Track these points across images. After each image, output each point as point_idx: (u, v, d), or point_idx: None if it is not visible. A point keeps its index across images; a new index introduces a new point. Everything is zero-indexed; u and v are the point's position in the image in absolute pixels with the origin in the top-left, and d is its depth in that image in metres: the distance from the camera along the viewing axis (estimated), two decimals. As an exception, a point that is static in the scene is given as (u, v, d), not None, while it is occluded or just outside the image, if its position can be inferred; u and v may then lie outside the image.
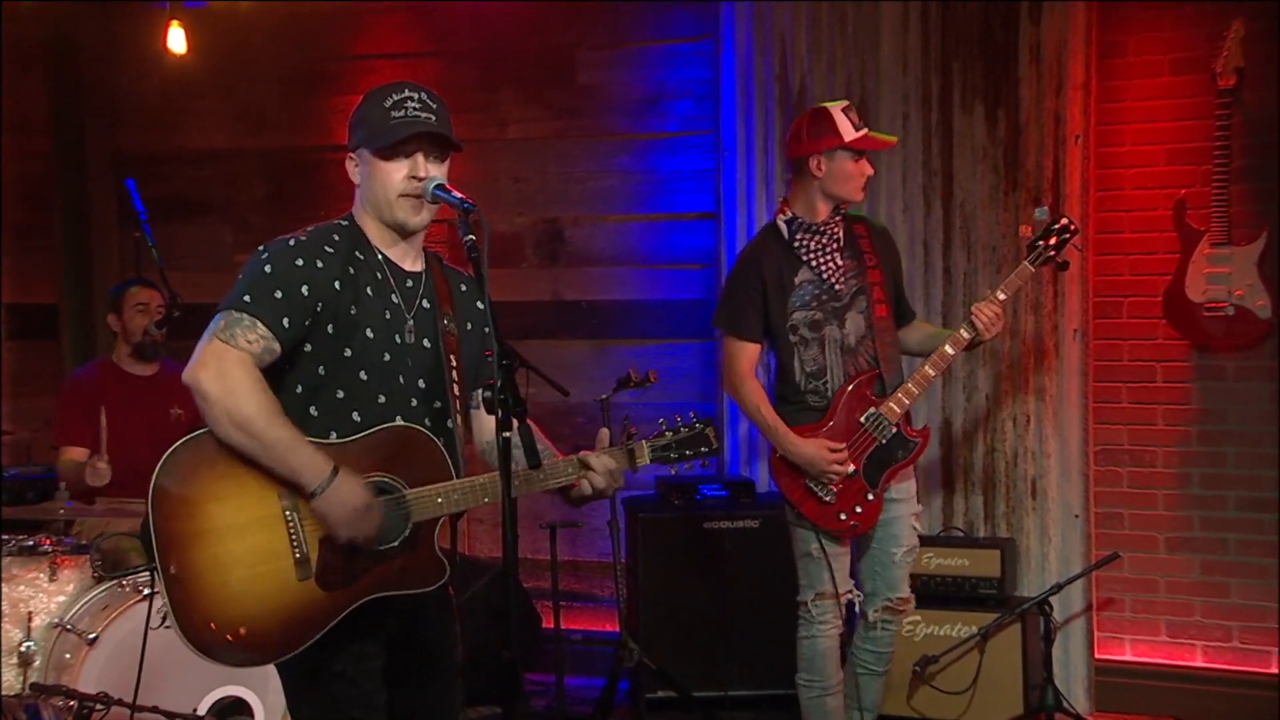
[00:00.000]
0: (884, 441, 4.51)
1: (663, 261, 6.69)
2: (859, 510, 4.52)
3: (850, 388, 4.54)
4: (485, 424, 3.34)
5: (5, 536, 4.71)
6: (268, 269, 3.05)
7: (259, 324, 2.99)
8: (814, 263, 4.55)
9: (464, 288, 3.34)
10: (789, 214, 4.61)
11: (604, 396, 5.21)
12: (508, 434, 2.85)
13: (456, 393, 3.18)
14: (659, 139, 6.67)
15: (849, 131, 4.47)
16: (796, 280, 4.56)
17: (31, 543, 4.72)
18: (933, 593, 5.51)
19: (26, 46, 7.17)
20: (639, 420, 3.42)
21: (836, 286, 4.54)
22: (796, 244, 4.56)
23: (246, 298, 3.01)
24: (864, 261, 4.60)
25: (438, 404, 3.19)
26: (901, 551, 4.65)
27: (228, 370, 2.94)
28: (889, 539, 4.63)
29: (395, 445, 3.08)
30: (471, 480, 3.09)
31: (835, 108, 4.53)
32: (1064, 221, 4.65)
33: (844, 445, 4.48)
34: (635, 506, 5.86)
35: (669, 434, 3.36)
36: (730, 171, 6.32)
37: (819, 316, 4.55)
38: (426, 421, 3.16)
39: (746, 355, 4.62)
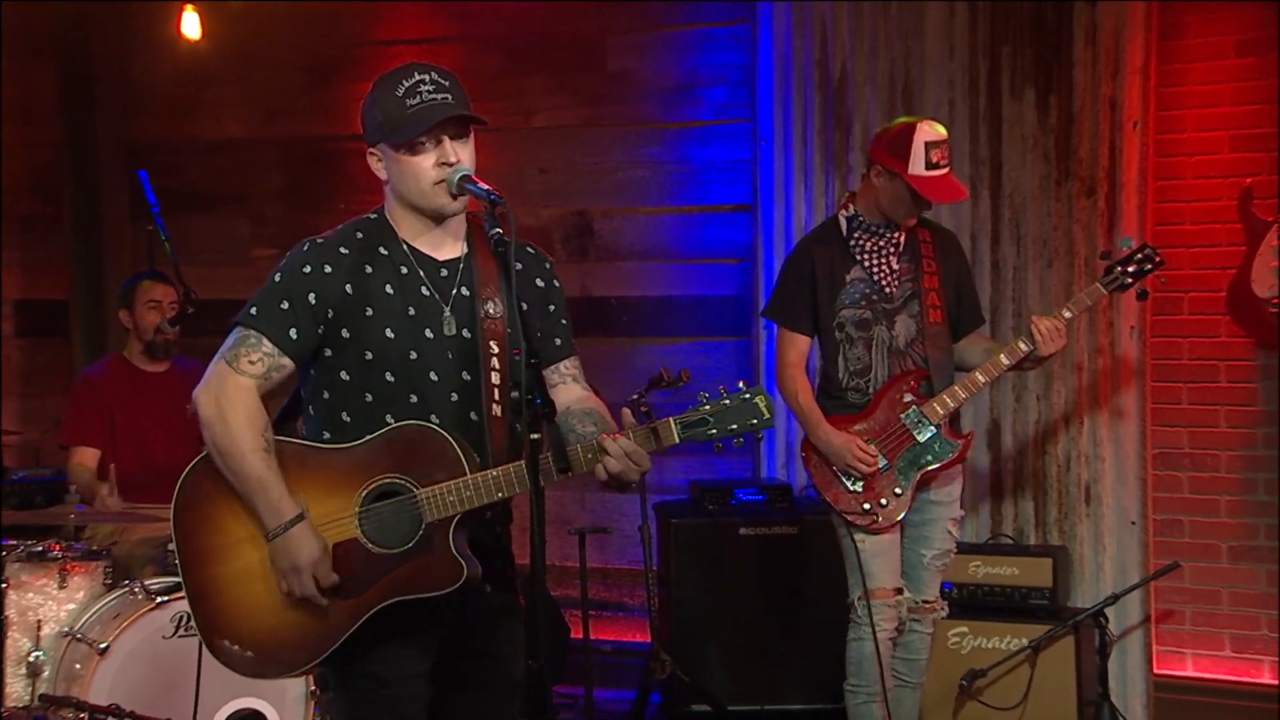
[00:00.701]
0: (921, 440, 4.60)
1: (696, 256, 6.67)
2: (884, 504, 4.61)
3: (895, 384, 4.65)
4: (562, 397, 3.26)
5: (13, 542, 4.73)
6: (277, 278, 3.10)
7: (264, 340, 3.05)
8: (867, 263, 4.68)
9: (520, 265, 3.24)
10: (852, 210, 4.72)
11: (635, 396, 5.20)
12: (536, 435, 2.84)
13: (495, 381, 3.15)
14: (692, 128, 6.65)
15: (918, 167, 4.50)
16: (848, 278, 4.69)
17: (40, 548, 4.73)
18: (981, 603, 5.46)
19: (35, 31, 7.19)
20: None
21: (887, 289, 4.67)
22: (853, 242, 4.69)
23: (254, 310, 3.08)
24: (922, 267, 4.70)
25: (483, 395, 3.17)
26: (931, 555, 4.73)
27: (222, 396, 3.03)
28: (920, 540, 4.73)
29: (409, 445, 3.08)
30: (485, 475, 3.07)
31: (925, 133, 4.52)
32: (1148, 251, 4.68)
33: (876, 441, 4.60)
34: (667, 511, 5.85)
35: (707, 406, 3.10)
36: (767, 161, 6.30)
37: (868, 316, 4.67)
38: (472, 415, 3.14)
39: (795, 347, 4.76)
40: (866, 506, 4.60)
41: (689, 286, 6.68)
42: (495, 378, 3.16)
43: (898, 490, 4.60)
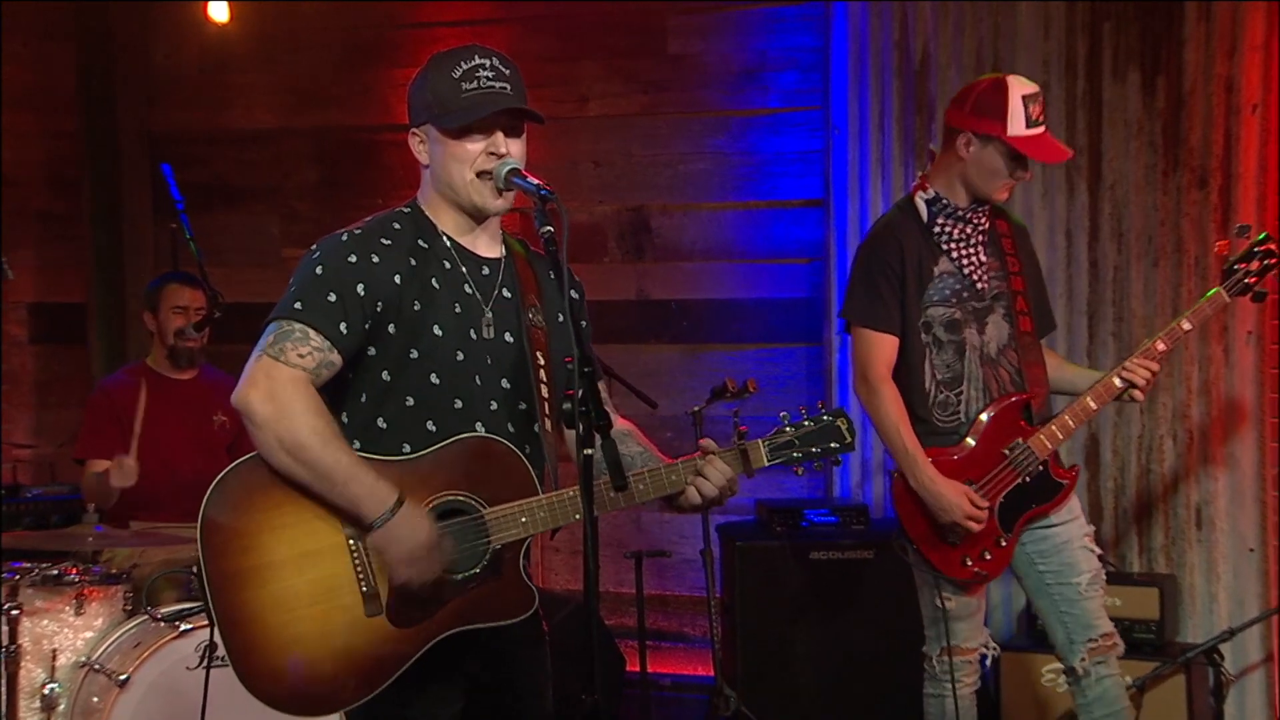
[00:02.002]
0: (1027, 480, 4.33)
1: (763, 255, 6.65)
2: (988, 557, 4.34)
3: (997, 410, 4.35)
4: None
5: (27, 565, 4.76)
6: (319, 269, 3.05)
7: (311, 333, 2.99)
8: (955, 253, 4.39)
9: (553, 275, 3.25)
10: (930, 191, 4.42)
11: (696, 408, 5.18)
12: (589, 451, 2.81)
13: (545, 394, 3.16)
14: (759, 116, 6.63)
15: (1018, 125, 4.24)
16: (936, 270, 4.39)
17: (56, 572, 4.75)
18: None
19: (52, 14, 7.27)
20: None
21: (978, 284, 4.39)
22: (937, 229, 4.40)
23: (297, 304, 3.02)
24: (1007, 264, 4.45)
25: (523, 406, 3.16)
26: (1085, 580, 4.38)
27: (278, 390, 2.95)
28: (1065, 569, 4.40)
29: (473, 458, 3.06)
30: (559, 495, 3.06)
31: (1019, 86, 4.27)
32: (1269, 244, 4.39)
33: (978, 485, 4.29)
34: (732, 533, 5.81)
35: (790, 429, 3.23)
36: (841, 152, 6.26)
37: (958, 316, 4.38)
38: (510, 427, 3.13)
39: (883, 352, 4.38)
40: (967, 562, 4.32)
41: (755, 289, 6.66)
42: (544, 390, 3.16)
43: (1002, 542, 4.33)
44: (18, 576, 4.66)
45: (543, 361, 3.18)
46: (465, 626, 3.03)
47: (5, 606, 4.55)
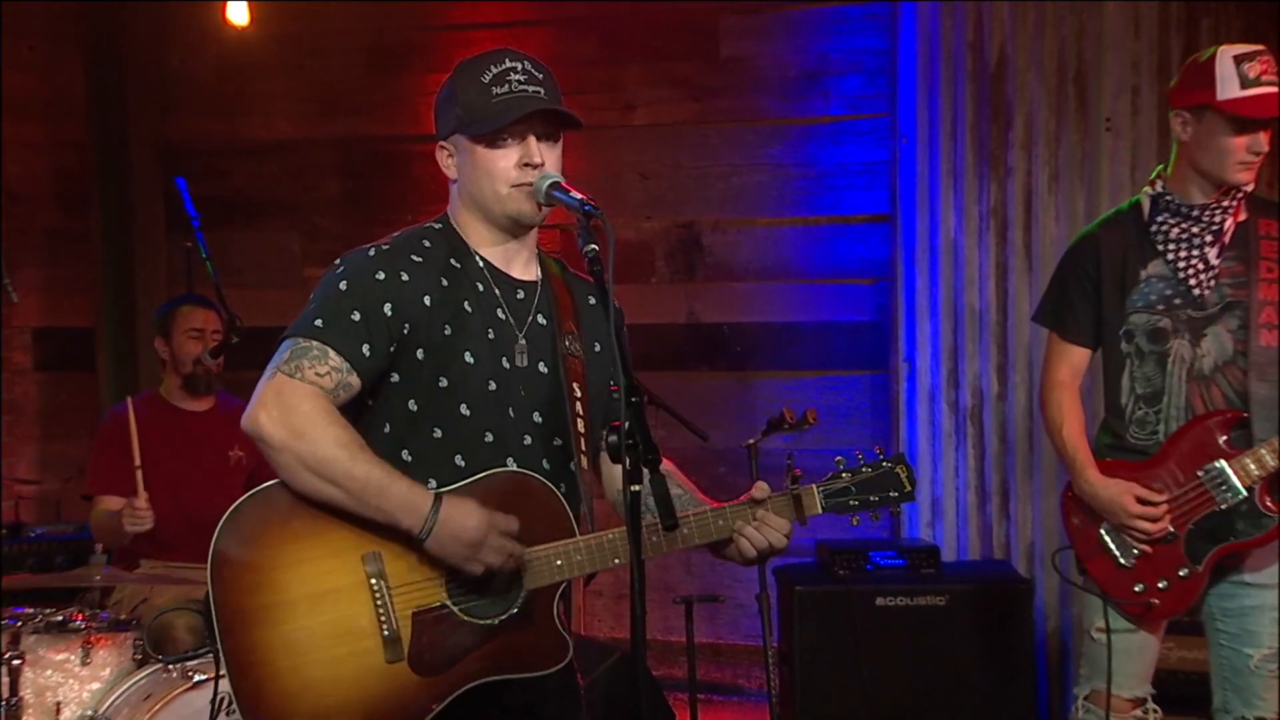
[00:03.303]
0: (1223, 507, 4.13)
1: (824, 275, 6.64)
2: (1164, 586, 4.17)
3: (1200, 425, 4.18)
4: (617, 469, 3.20)
5: (30, 610, 4.77)
6: (343, 285, 3.05)
7: (331, 352, 2.99)
8: (1172, 254, 4.22)
9: (592, 300, 3.31)
10: (1158, 187, 4.27)
11: (751, 441, 5.16)
12: (637, 487, 2.79)
13: (581, 429, 3.16)
14: (820, 124, 6.64)
15: (1230, 87, 4.06)
16: (1144, 273, 4.26)
17: (61, 618, 4.76)
18: (1172, 693, 5.24)
19: (59, 16, 7.34)
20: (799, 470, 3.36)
21: (1197, 290, 4.19)
22: (1155, 227, 4.25)
23: (318, 321, 3.02)
24: (1257, 269, 4.20)
25: (557, 441, 3.17)
26: (1260, 655, 4.18)
27: (293, 406, 2.94)
28: (1244, 636, 4.22)
29: (506, 494, 3.05)
30: (599, 537, 3.06)
31: (1230, 50, 4.09)
32: None
33: (1164, 499, 4.15)
34: (790, 577, 5.80)
35: (846, 475, 3.25)
36: (909, 163, 6.27)
37: (1165, 325, 4.23)
38: (545, 463, 3.14)
39: (1068, 361, 4.36)
40: (1139, 588, 4.17)
41: (815, 311, 6.65)
42: (580, 425, 3.16)
43: (1182, 571, 4.14)
44: (20, 623, 4.66)
45: (579, 393, 3.18)
46: (493, 677, 3.03)
47: (6, 656, 4.56)
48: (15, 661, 4.58)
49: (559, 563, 3.04)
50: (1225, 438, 4.14)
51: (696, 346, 6.74)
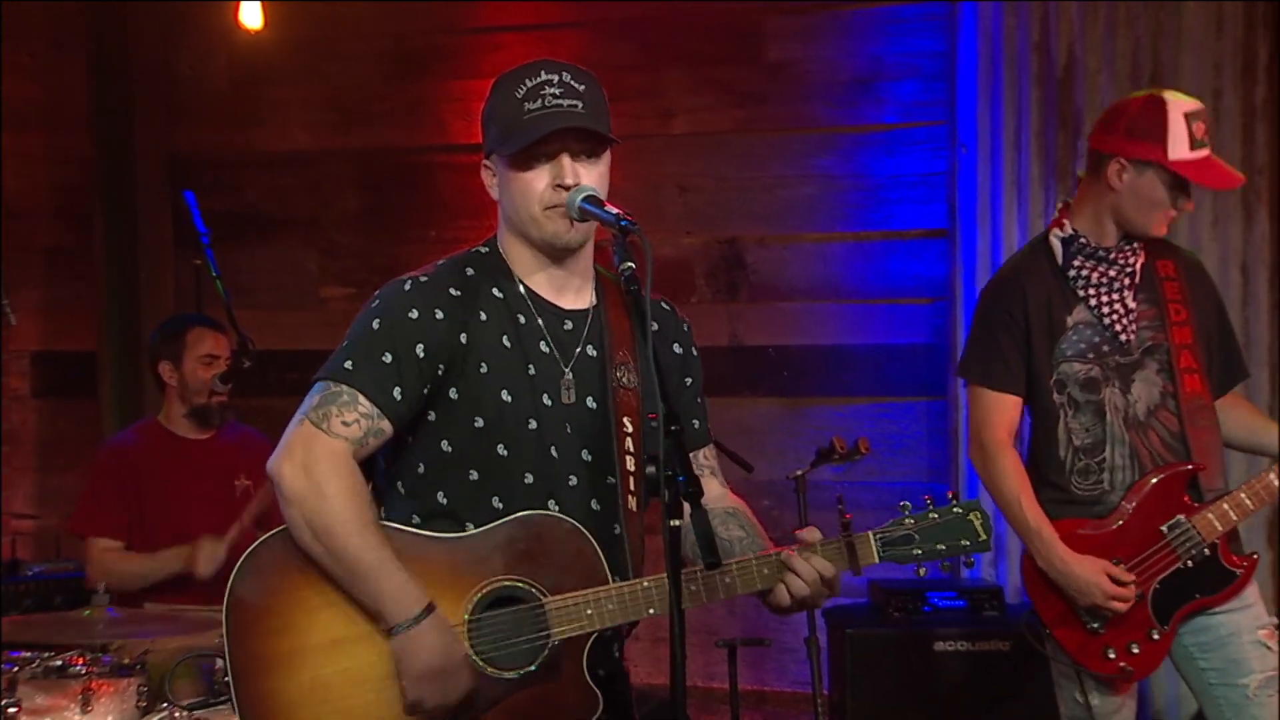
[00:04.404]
0: (1188, 565, 4.28)
1: (877, 294, 6.64)
2: (1135, 651, 4.29)
3: (1155, 481, 4.30)
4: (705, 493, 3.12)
5: (27, 654, 4.78)
6: (376, 324, 3.09)
7: (361, 398, 3.04)
8: (1094, 300, 4.38)
9: (656, 326, 3.26)
10: (1067, 229, 4.42)
11: (799, 473, 5.17)
12: (676, 522, 2.78)
13: (631, 466, 3.17)
14: (873, 132, 6.64)
15: (1180, 148, 4.22)
16: (1070, 320, 4.40)
17: (60, 663, 4.76)
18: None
19: (64, 22, 7.39)
20: (850, 504, 3.34)
21: (1123, 336, 4.36)
22: (1073, 272, 4.40)
23: (348, 363, 3.06)
24: (1166, 312, 4.39)
25: (610, 481, 3.18)
26: (1255, 682, 4.28)
27: (314, 465, 3.00)
28: (1231, 667, 4.33)
29: (533, 539, 3.07)
30: (632, 585, 3.06)
31: (1179, 104, 4.26)
32: None
33: (1128, 564, 4.26)
34: (841, 619, 5.79)
35: (910, 520, 3.22)
36: (969, 174, 6.27)
37: (1096, 374, 4.37)
38: (594, 504, 3.15)
39: (1003, 414, 4.43)
40: (1111, 654, 4.28)
41: (868, 333, 6.64)
42: (630, 462, 3.17)
43: (1155, 634, 4.28)
44: (16, 668, 4.65)
45: (630, 428, 3.19)
46: None
47: (2, 704, 4.58)
48: (11, 710, 4.58)
49: (589, 612, 3.05)
50: (1184, 492, 4.28)
51: (740, 371, 6.72)
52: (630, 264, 2.95)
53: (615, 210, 3.01)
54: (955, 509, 3.22)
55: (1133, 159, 4.26)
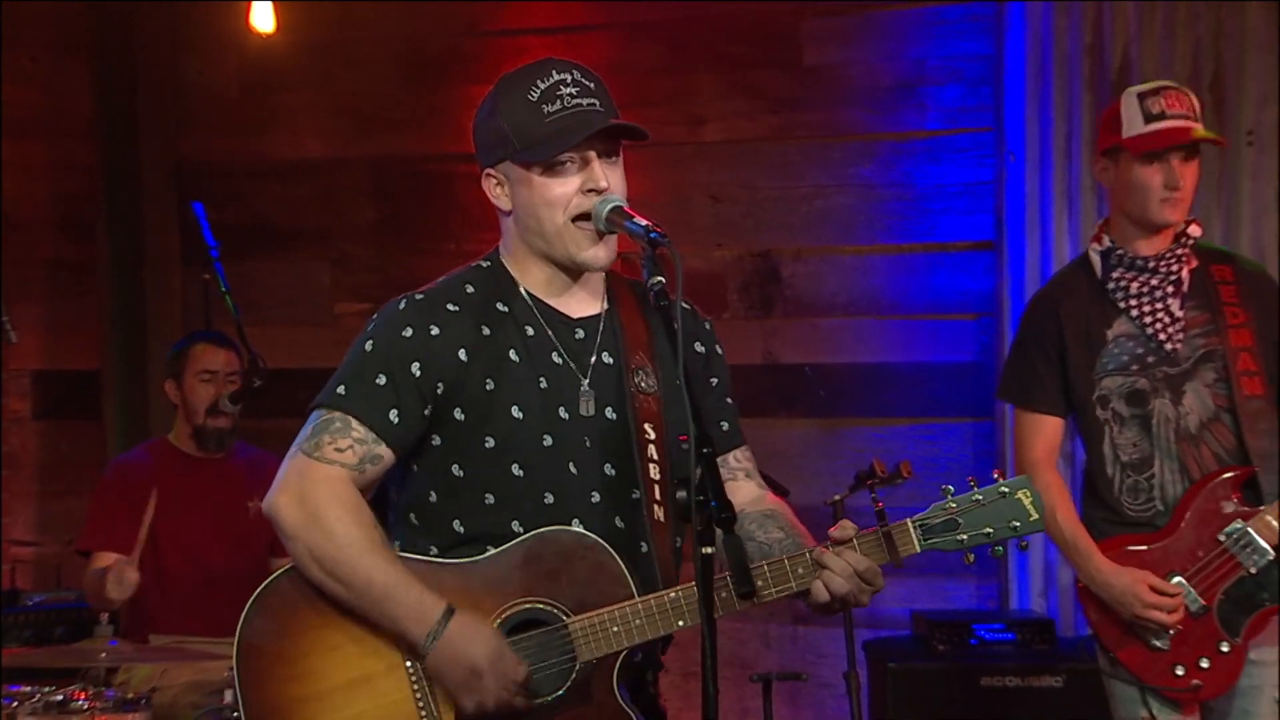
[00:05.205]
0: (1253, 570, 4.31)
1: (919, 310, 6.63)
2: (1205, 665, 4.32)
3: (1208, 488, 4.36)
4: (734, 498, 3.01)
5: (27, 688, 4.79)
6: (369, 345, 3.11)
7: (354, 423, 3.06)
8: (1135, 310, 4.47)
9: (677, 325, 3.19)
10: (1105, 242, 4.55)
11: (837, 497, 5.15)
12: (709, 549, 2.76)
13: (656, 475, 3.17)
14: (915, 139, 6.64)
15: (1135, 125, 4.46)
16: (1110, 334, 4.50)
17: (61, 697, 4.77)
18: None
19: (66, 25, 7.41)
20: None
21: (1169, 345, 4.43)
22: (1112, 284, 4.52)
23: (340, 389, 3.09)
24: (1222, 315, 4.45)
25: (635, 495, 3.17)
26: None
27: (309, 493, 3.02)
28: (1238, 717, 4.42)
29: (552, 556, 3.07)
30: (659, 597, 3.05)
31: (1134, 90, 4.56)
32: None
33: (1187, 575, 4.30)
34: (882, 652, 5.78)
35: (952, 503, 3.14)
36: (1017, 183, 6.27)
37: (1143, 385, 4.45)
38: (618, 521, 3.14)
39: (1042, 435, 4.57)
40: (1180, 671, 4.31)
41: (909, 350, 6.64)
42: (654, 471, 3.16)
43: (1224, 647, 4.30)
44: (15, 703, 4.67)
45: (652, 435, 3.18)
46: None
47: (0, 740, 4.60)
48: (10, 746, 4.61)
49: (615, 629, 3.04)
50: (1237, 497, 4.32)
51: (774, 390, 6.71)
52: (660, 278, 2.93)
53: (644, 221, 3.00)
54: (1002, 488, 3.14)
55: (1103, 150, 4.57)
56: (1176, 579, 4.32)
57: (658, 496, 3.16)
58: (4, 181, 7.24)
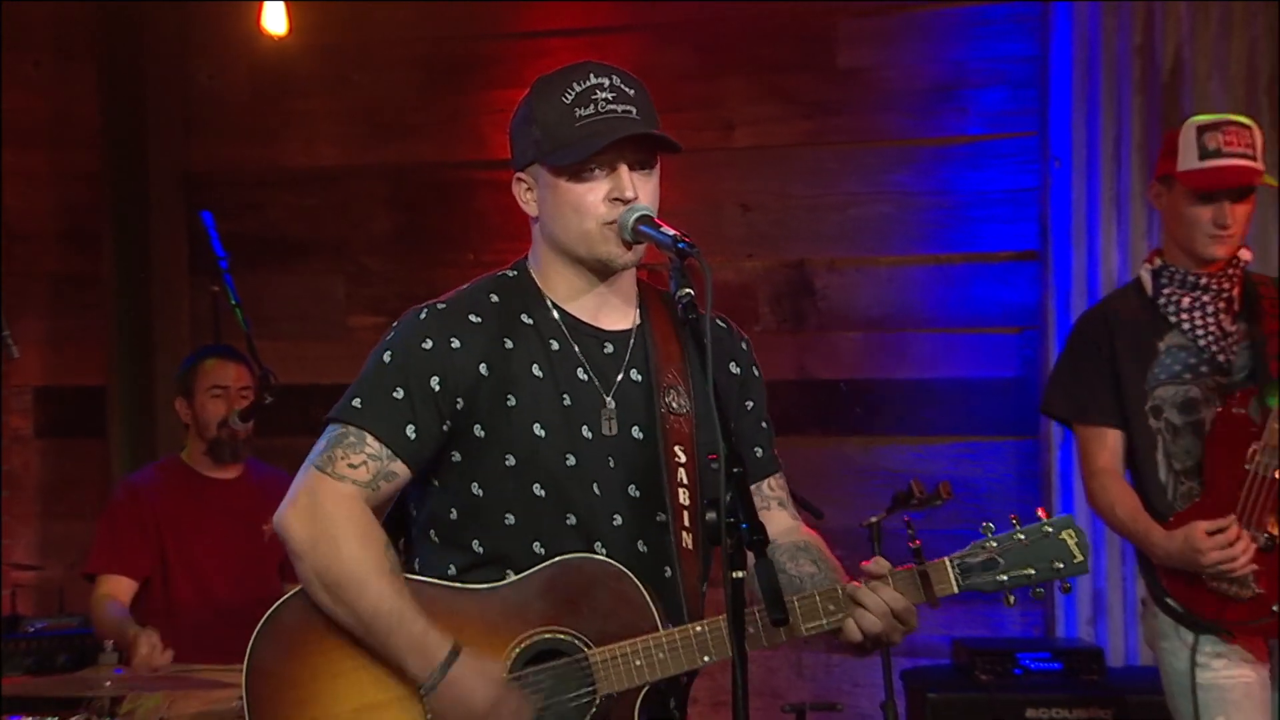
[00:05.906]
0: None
1: (960, 323, 6.62)
2: None
3: (1217, 433, 4.51)
4: (770, 526, 3.04)
5: (29, 719, 4.81)
6: (386, 357, 3.11)
7: (369, 438, 3.06)
8: (1187, 324, 4.61)
9: (706, 340, 3.14)
10: (1157, 263, 4.71)
11: (873, 519, 5.16)
12: (739, 574, 2.76)
13: (685, 500, 3.15)
14: (955, 144, 6.63)
15: (1189, 159, 4.55)
16: (1161, 345, 4.64)
17: (63, 728, 4.81)
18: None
19: (71, 29, 7.45)
20: (929, 554, 3.29)
21: (1221, 357, 4.59)
22: (1163, 299, 4.67)
23: (355, 401, 3.08)
24: (1261, 327, 4.58)
25: (660, 518, 3.16)
26: None
27: (320, 512, 3.03)
28: (1231, 710, 4.49)
29: (573, 585, 3.07)
30: (685, 630, 3.04)
31: (1196, 121, 4.63)
32: None
33: (1228, 520, 4.40)
34: (921, 681, 5.77)
35: (993, 542, 3.13)
36: (1063, 190, 6.26)
37: (1196, 394, 4.60)
38: (641, 545, 3.14)
39: (1104, 447, 4.69)
40: (1277, 607, 4.42)
41: (949, 365, 6.63)
42: (683, 496, 3.15)
43: None
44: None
45: (683, 458, 3.17)
46: None
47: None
48: (11, 779, 4.62)
49: (638, 663, 3.03)
50: (1248, 424, 4.48)
51: (808, 407, 6.70)
52: (689, 290, 2.93)
53: (672, 231, 2.99)
54: (1045, 528, 3.13)
55: (1158, 176, 4.71)
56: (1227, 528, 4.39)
57: (686, 523, 3.15)
58: (6, 191, 7.25)
